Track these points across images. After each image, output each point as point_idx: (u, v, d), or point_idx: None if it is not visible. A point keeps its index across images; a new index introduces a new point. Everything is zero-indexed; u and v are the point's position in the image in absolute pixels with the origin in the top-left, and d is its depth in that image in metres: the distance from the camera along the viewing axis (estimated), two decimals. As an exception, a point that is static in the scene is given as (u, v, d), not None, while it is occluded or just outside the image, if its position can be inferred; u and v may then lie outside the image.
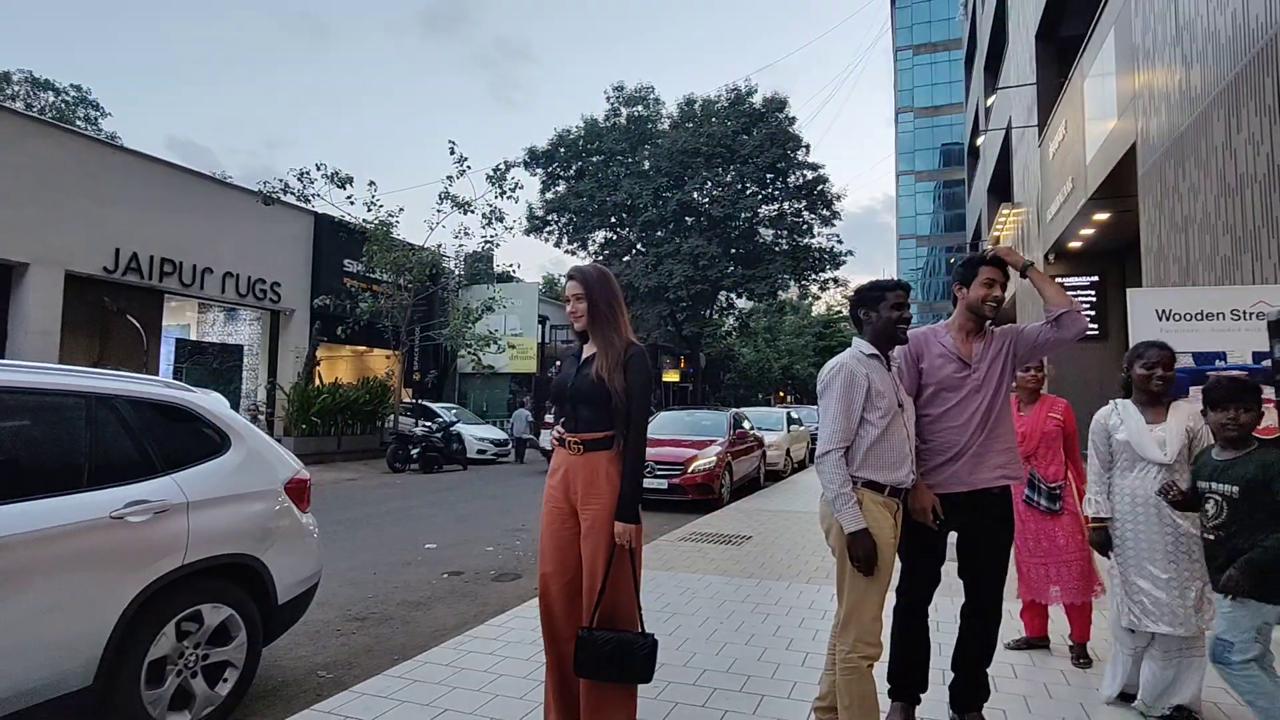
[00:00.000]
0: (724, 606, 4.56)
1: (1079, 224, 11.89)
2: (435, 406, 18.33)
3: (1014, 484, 2.87)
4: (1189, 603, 2.81)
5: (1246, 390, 2.52)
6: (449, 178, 16.84)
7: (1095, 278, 13.62)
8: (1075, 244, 13.12)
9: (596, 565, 2.44)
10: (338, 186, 16.36)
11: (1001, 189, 22.03)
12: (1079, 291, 13.76)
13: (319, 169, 16.30)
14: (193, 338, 19.10)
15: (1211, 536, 2.52)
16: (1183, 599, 2.81)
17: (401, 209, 17.49)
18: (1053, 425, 3.73)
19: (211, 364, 17.42)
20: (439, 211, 17.14)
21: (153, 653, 2.72)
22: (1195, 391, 4.12)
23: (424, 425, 15.82)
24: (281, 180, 16.26)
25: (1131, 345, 4.36)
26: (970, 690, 2.79)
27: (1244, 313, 4.15)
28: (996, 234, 20.99)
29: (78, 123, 28.83)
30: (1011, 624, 3.85)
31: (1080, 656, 3.57)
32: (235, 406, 7.26)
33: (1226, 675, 2.44)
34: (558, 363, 2.74)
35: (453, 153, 16.51)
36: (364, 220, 17.13)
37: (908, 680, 2.78)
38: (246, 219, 16.79)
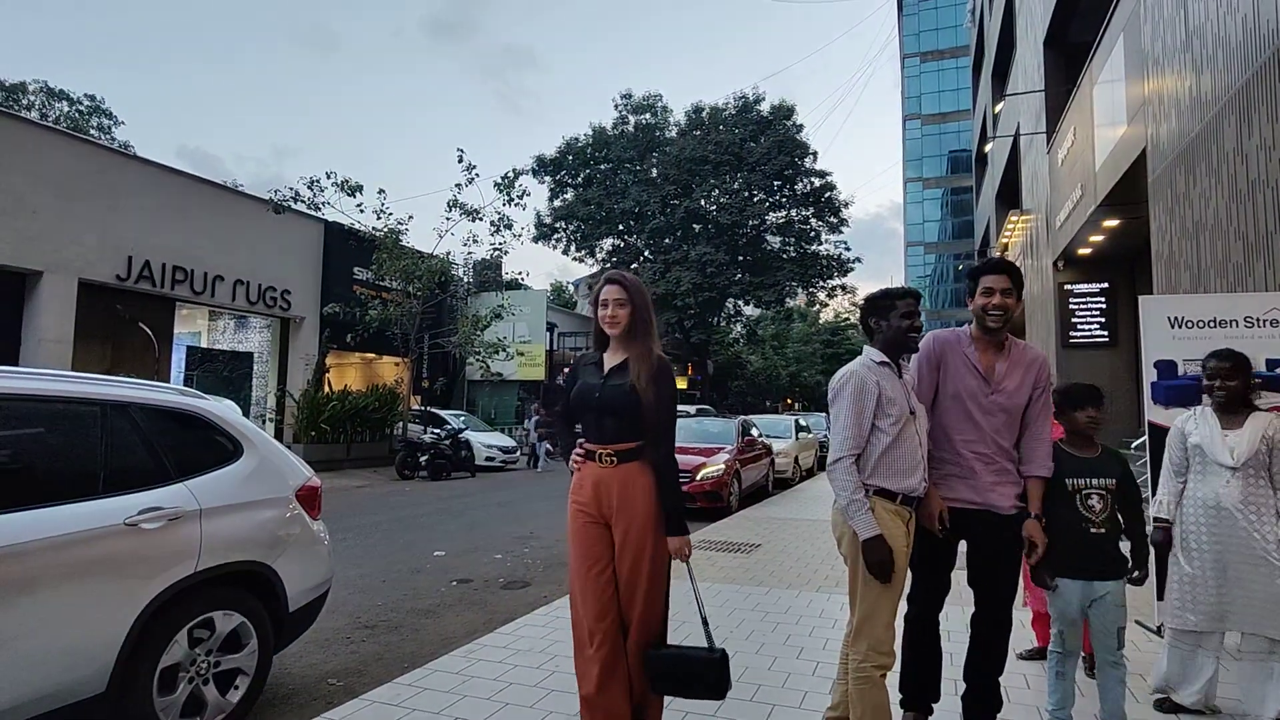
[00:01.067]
0: (734, 615, 4.54)
1: (1088, 231, 11.83)
2: (444, 413, 18.35)
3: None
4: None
5: (1097, 392, 2.89)
6: (458, 186, 16.93)
7: (1105, 284, 13.54)
8: (1084, 251, 13.05)
9: (638, 578, 2.44)
10: (348, 195, 16.46)
11: (1010, 196, 21.96)
12: (1089, 299, 13.69)
13: (329, 177, 16.42)
14: (203, 345, 19.22)
15: (1103, 530, 2.66)
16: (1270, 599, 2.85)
17: (411, 217, 17.58)
18: (1059, 436, 3.68)
19: (222, 371, 17.52)
20: (448, 219, 17.23)
21: (165, 660, 2.73)
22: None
23: (433, 432, 15.85)
24: (292, 189, 16.39)
25: (1144, 353, 4.33)
26: (982, 701, 2.76)
27: (1257, 319, 4.11)
28: (1005, 241, 20.92)
29: (91, 132, 29.16)
30: (1023, 634, 3.83)
31: (1093, 666, 3.54)
32: (246, 414, 7.31)
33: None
34: (565, 370, 2.72)
35: (461, 160, 16.60)
36: (373, 228, 17.23)
37: (920, 690, 2.76)
38: (257, 227, 16.91)
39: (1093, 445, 2.84)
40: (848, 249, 30.96)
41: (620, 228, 30.48)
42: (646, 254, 30.51)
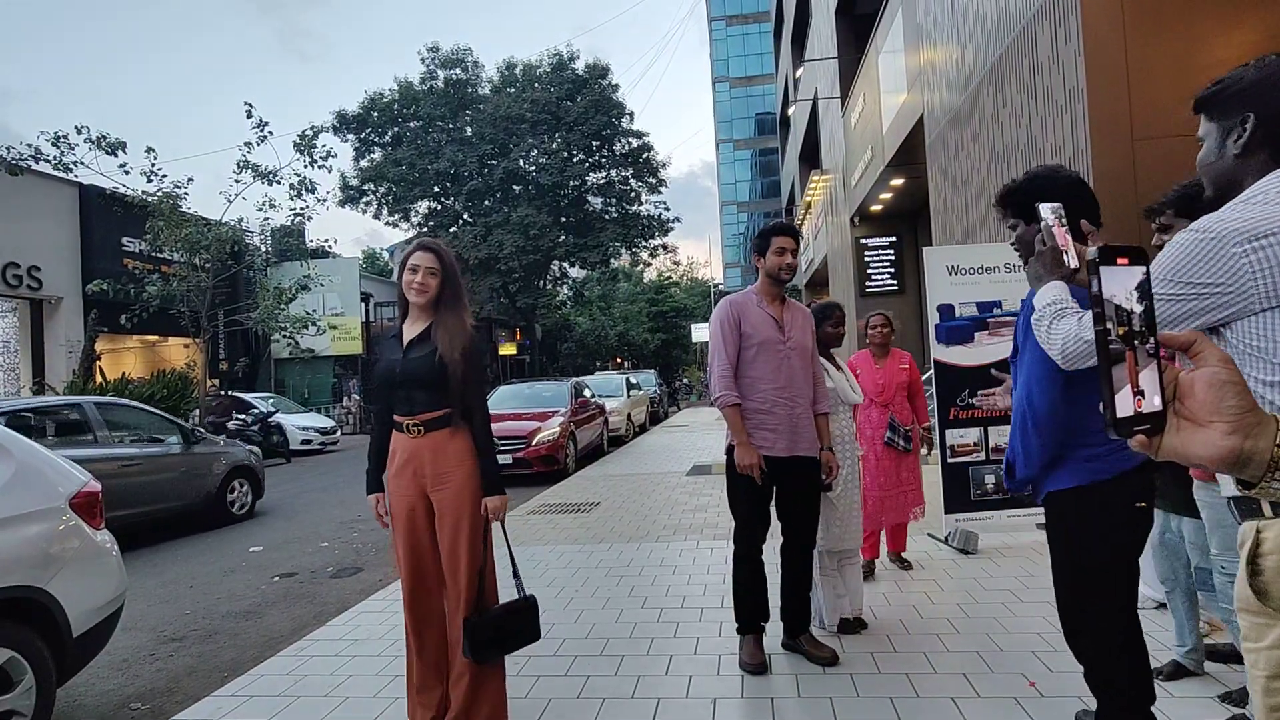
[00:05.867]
0: (578, 574, 4.62)
1: (879, 189, 13.05)
2: (249, 397, 16.92)
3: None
4: None
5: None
6: (247, 144, 15.23)
7: (894, 238, 15.05)
8: (876, 207, 14.40)
9: (459, 543, 2.45)
10: (106, 153, 14.21)
11: (811, 157, 23.61)
12: (879, 252, 15.15)
13: (80, 133, 14.08)
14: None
15: None
16: None
17: (190, 179, 15.49)
18: (903, 375, 4.28)
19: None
20: (238, 182, 15.49)
21: (-91, 715, 2.29)
22: (980, 336, 4.69)
23: (237, 419, 14.47)
24: (30, 145, 13.88)
25: (927, 298, 4.89)
26: (798, 614, 3.12)
27: (1014, 265, 4.77)
28: (809, 199, 22.53)
29: None
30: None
31: (904, 564, 4.29)
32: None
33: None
34: (375, 350, 2.62)
35: (250, 116, 14.93)
36: (144, 193, 15.10)
37: (752, 614, 3.05)
38: (-15, 191, 14.21)
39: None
40: (667, 209, 31.85)
41: (435, 189, 29.13)
42: (465, 217, 29.47)
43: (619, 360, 45.69)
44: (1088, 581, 1.85)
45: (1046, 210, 1.64)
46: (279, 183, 15.70)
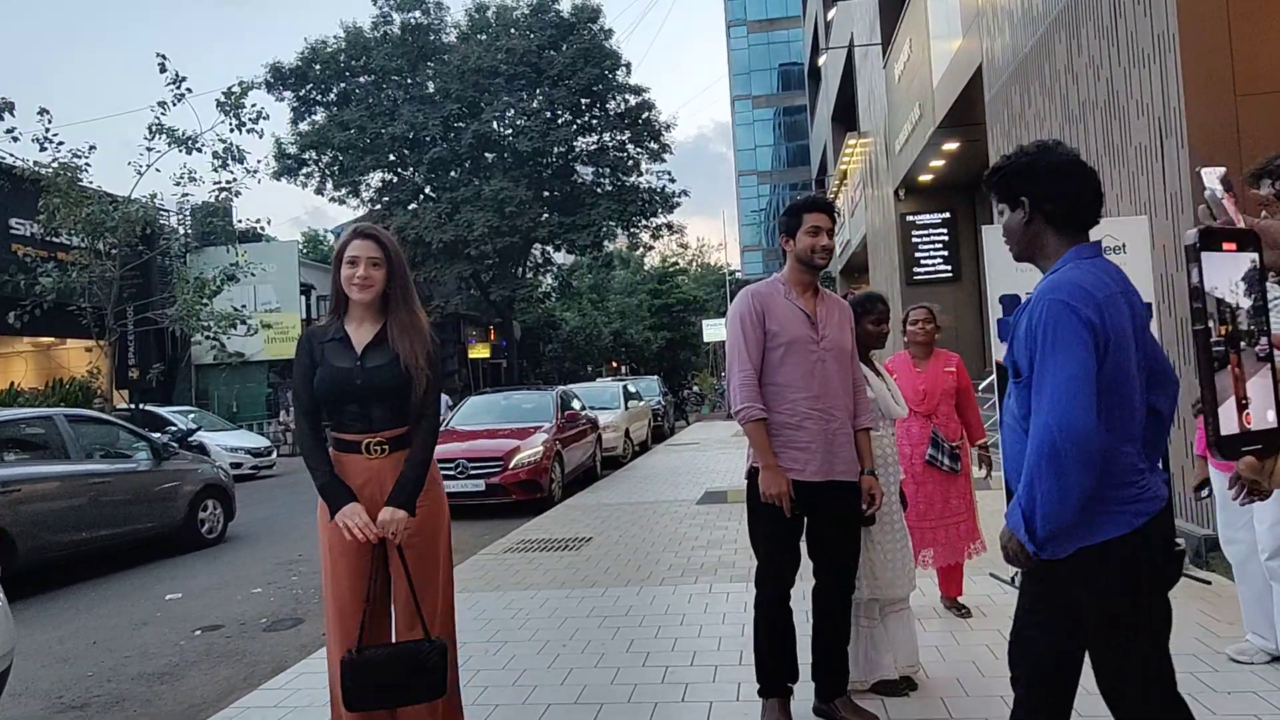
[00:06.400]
0: (565, 625, 4.61)
1: (929, 155, 13.09)
2: (165, 412, 16.98)
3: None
4: None
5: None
6: (161, 104, 15.27)
7: (947, 214, 15.09)
8: (926, 178, 14.44)
9: (429, 585, 2.52)
10: (-13, 116, 14.25)
11: (847, 116, 23.69)
12: (930, 231, 15.18)
13: (-45, 92, 14.10)
14: None
15: None
16: None
17: (93, 147, 15.52)
18: (949, 381, 4.26)
19: None
20: (150, 150, 15.51)
21: None
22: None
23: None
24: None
25: (988, 288, 4.90)
26: (835, 673, 3.10)
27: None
28: (844, 168, 22.61)
29: None
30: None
31: (961, 611, 4.27)
32: None
33: None
34: (310, 352, 2.62)
35: (164, 70, 14.96)
36: (36, 164, 15.12)
37: (777, 673, 3.04)
38: None
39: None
40: (672, 180, 31.90)
41: (391, 158, 29.21)
42: (427, 191, 29.53)
43: (615, 364, 45.74)
44: (1131, 643, 1.89)
45: (1212, 177, 1.61)
46: (200, 151, 15.72)
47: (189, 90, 15.29)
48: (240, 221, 19.56)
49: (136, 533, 7.68)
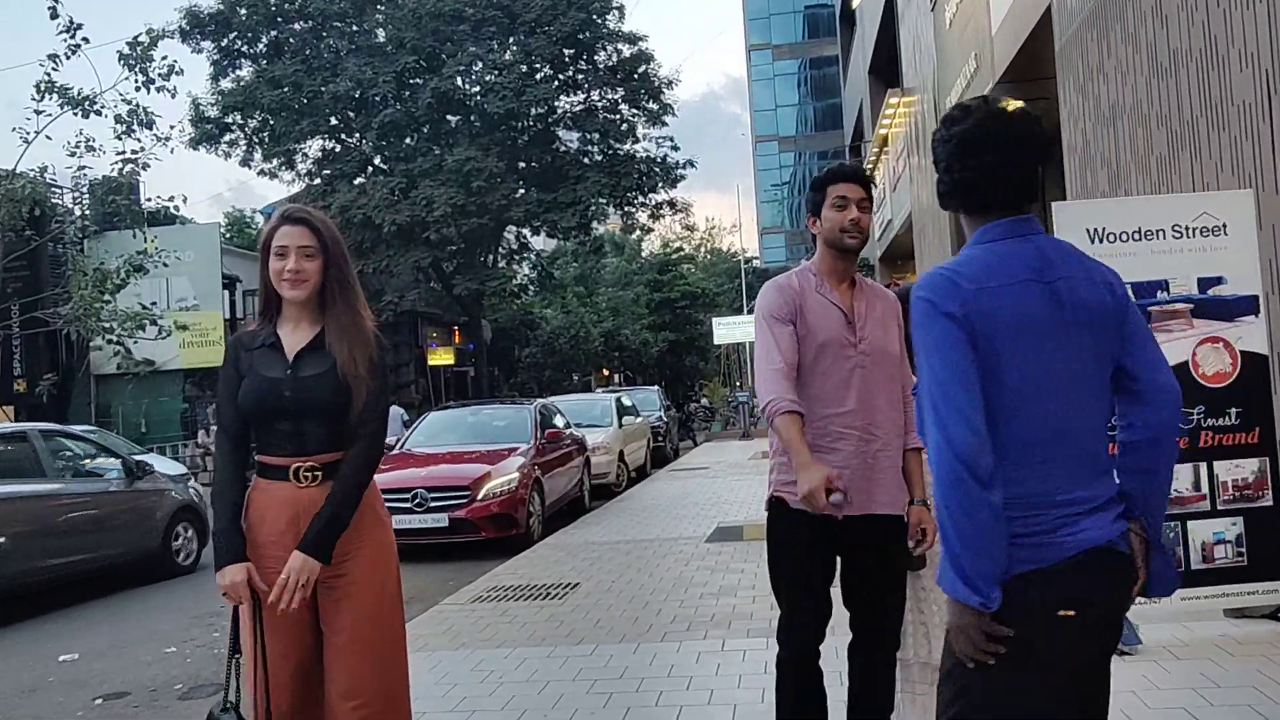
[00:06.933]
0: (547, 690, 4.60)
1: (986, 117, 13.06)
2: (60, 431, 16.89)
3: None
4: None
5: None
6: (52, 58, 15.30)
7: (1009, 189, 15.09)
8: (983, 144, 14.42)
9: (375, 640, 2.53)
10: None
11: (887, 70, 23.74)
12: (990, 208, 15.19)
13: None
14: None
15: None
16: None
17: (-32, 110, 15.71)
18: None
19: None
20: (39, 114, 15.55)
21: None
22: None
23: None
24: None
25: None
26: None
27: (1186, 228, 4.79)
28: (884, 133, 22.66)
29: None
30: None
31: None
32: None
33: None
34: (236, 360, 2.66)
35: (55, 16, 15.01)
36: (-99, 130, 15.18)
37: None
38: None
39: None
40: (675, 147, 31.97)
41: (333, 121, 29.25)
42: (377, 162, 29.57)
43: (606, 372, 45.78)
44: None
45: None
46: (100, 114, 15.76)
47: (86, 40, 15.32)
48: (150, 200, 19.54)
49: (108, 558, 8.31)
